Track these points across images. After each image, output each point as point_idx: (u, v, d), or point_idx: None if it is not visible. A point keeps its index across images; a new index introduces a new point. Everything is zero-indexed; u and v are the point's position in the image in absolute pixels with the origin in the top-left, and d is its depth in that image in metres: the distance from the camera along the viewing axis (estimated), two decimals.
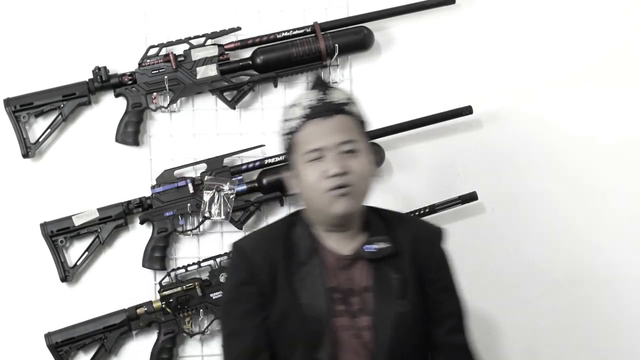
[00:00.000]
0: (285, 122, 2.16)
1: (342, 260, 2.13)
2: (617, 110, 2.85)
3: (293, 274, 2.11)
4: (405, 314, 2.09)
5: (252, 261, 2.12)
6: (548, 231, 2.82)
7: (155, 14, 2.78)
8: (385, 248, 2.11)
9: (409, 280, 2.12)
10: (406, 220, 2.25)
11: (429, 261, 2.15)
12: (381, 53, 2.82)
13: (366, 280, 2.12)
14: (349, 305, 2.10)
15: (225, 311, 2.19)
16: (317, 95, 2.14)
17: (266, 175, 2.71)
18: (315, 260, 2.11)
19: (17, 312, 2.73)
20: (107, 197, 2.72)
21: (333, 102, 2.12)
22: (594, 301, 2.82)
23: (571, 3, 2.85)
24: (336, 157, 2.08)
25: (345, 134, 2.10)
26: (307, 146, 2.10)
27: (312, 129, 2.10)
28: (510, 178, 2.82)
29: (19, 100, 2.71)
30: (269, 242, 2.15)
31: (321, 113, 2.10)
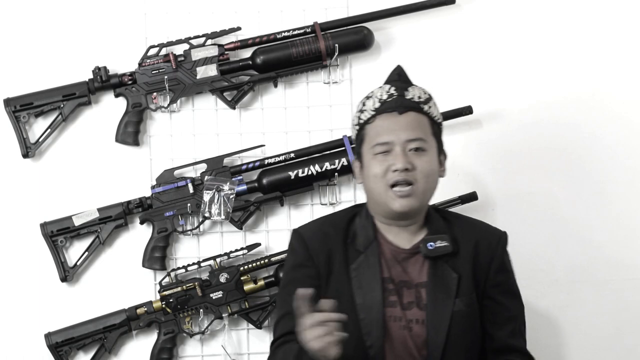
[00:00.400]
0: (358, 112, 2.20)
1: (399, 253, 2.17)
2: (618, 110, 2.85)
3: (349, 261, 2.16)
4: (460, 313, 2.14)
5: (310, 244, 2.19)
6: (548, 231, 2.82)
7: (155, 14, 2.78)
8: (445, 246, 2.16)
9: (466, 280, 2.16)
10: (469, 222, 2.28)
11: (490, 264, 2.19)
12: (381, 53, 2.82)
13: (422, 275, 2.16)
14: (401, 297, 2.14)
15: (281, 293, 2.25)
16: (392, 89, 2.18)
17: (266, 175, 2.71)
18: (372, 250, 2.16)
19: (17, 312, 2.73)
20: (107, 197, 2.72)
21: (407, 98, 2.16)
22: (594, 301, 2.82)
23: (571, 2, 2.85)
24: (403, 153, 2.12)
25: (415, 132, 2.14)
26: (376, 139, 2.14)
27: (383, 123, 2.15)
28: (510, 178, 2.82)
29: (19, 100, 2.71)
30: (329, 228, 2.21)
31: (394, 108, 2.15)
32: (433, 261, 2.16)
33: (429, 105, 2.19)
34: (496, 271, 2.19)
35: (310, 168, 2.71)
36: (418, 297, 2.14)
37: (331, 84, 2.80)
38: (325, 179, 2.72)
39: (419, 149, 2.13)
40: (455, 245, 2.17)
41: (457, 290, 2.14)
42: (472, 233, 2.21)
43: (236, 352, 2.73)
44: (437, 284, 2.14)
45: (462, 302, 2.14)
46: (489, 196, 2.78)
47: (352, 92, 2.79)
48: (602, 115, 2.84)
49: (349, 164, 2.69)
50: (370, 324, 2.12)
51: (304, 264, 2.19)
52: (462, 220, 2.26)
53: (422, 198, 2.15)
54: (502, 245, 2.23)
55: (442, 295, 2.14)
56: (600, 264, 2.82)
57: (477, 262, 2.18)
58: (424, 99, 2.18)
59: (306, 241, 2.20)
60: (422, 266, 2.16)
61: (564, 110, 2.84)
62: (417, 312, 2.14)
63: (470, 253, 2.17)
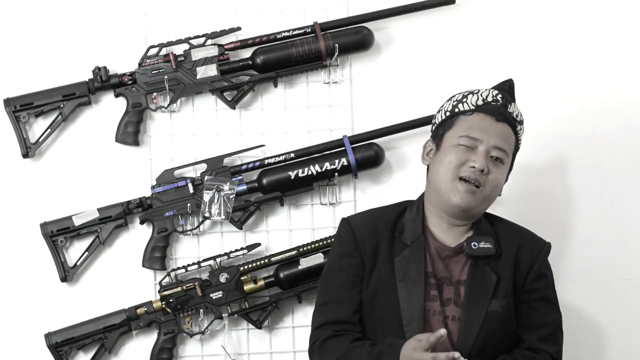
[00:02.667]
0: (455, 101, 2.26)
1: (444, 250, 2.22)
2: (617, 109, 2.85)
3: (395, 253, 2.21)
4: (494, 314, 2.18)
5: (358, 234, 2.24)
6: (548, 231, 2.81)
7: (155, 14, 2.78)
8: (488, 248, 2.21)
9: (505, 283, 2.21)
10: (515, 228, 2.33)
11: (529, 270, 2.24)
12: (381, 53, 2.82)
13: (462, 274, 2.20)
14: (441, 292, 2.19)
15: (325, 279, 2.29)
16: (499, 96, 2.24)
17: (266, 175, 2.71)
18: (418, 245, 2.21)
19: (17, 312, 2.73)
20: (107, 197, 2.72)
21: (509, 111, 2.24)
22: (595, 301, 2.82)
23: (571, 2, 2.85)
24: (485, 155, 2.18)
25: (504, 142, 2.21)
26: (468, 131, 2.20)
27: (479, 121, 2.21)
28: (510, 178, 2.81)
29: (19, 100, 2.71)
30: (378, 220, 2.26)
31: (494, 113, 2.22)
32: (475, 261, 2.20)
33: (521, 127, 2.28)
34: (534, 278, 2.24)
35: (310, 168, 2.71)
36: (456, 294, 2.19)
37: (331, 84, 2.80)
38: (325, 179, 2.72)
39: (498, 159, 2.21)
40: (498, 248, 2.22)
41: (495, 291, 2.19)
42: (516, 238, 2.26)
43: (236, 352, 2.73)
44: (476, 283, 2.18)
45: (498, 304, 2.19)
46: None
47: (352, 92, 2.80)
48: (602, 115, 2.84)
49: (349, 164, 2.69)
50: (411, 315, 2.16)
51: (350, 253, 2.24)
52: (508, 225, 2.32)
53: (480, 203, 2.20)
54: (543, 254, 2.28)
55: (479, 294, 2.18)
56: (600, 264, 2.82)
57: (518, 266, 2.23)
58: (520, 120, 2.27)
59: (354, 231, 2.25)
60: (464, 265, 2.21)
61: (563, 109, 2.84)
62: (454, 309, 2.19)
63: (512, 257, 2.23)
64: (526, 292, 2.24)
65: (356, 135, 2.74)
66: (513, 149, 2.26)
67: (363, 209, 2.46)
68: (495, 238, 2.24)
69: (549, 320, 2.26)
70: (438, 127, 2.28)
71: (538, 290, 2.25)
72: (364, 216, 2.32)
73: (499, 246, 2.23)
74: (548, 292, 2.28)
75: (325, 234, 2.73)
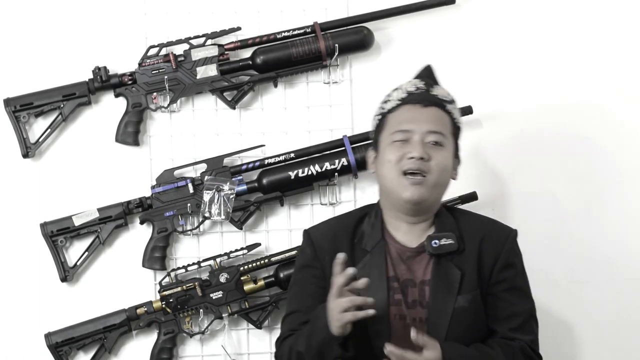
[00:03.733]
0: (382, 103, 2.23)
1: (405, 252, 2.18)
2: (618, 110, 2.85)
3: (356, 261, 2.17)
4: (461, 310, 2.14)
5: (318, 244, 2.21)
6: (548, 231, 2.82)
7: (155, 14, 2.78)
8: (449, 244, 2.16)
9: (470, 277, 2.16)
10: (477, 219, 2.28)
11: (496, 261, 2.19)
12: (381, 53, 2.82)
13: (426, 273, 2.16)
14: (406, 295, 2.15)
15: (290, 292, 2.27)
16: (421, 83, 2.21)
17: (266, 175, 2.71)
18: (379, 250, 2.17)
19: (17, 312, 2.73)
20: (107, 197, 2.72)
21: (432, 94, 2.20)
22: (594, 301, 2.82)
23: (571, 3, 2.85)
24: (420, 143, 2.14)
25: (436, 125, 2.16)
26: (397, 126, 2.17)
27: (407, 113, 2.18)
28: (510, 178, 2.82)
29: (19, 100, 2.71)
30: (338, 228, 2.23)
31: (419, 100, 2.18)
32: (438, 259, 2.16)
33: (452, 106, 2.22)
34: (501, 268, 2.19)
35: (310, 168, 2.71)
36: (421, 295, 2.15)
37: (331, 84, 2.80)
38: (325, 179, 2.72)
39: (437, 143, 2.16)
40: (461, 243, 2.18)
41: (460, 287, 2.15)
42: (479, 230, 2.21)
43: (236, 352, 2.73)
44: (440, 282, 2.15)
45: (464, 299, 2.15)
46: (489, 196, 2.78)
47: (352, 92, 2.80)
48: (602, 116, 2.84)
49: (349, 164, 2.70)
50: (376, 322, 2.12)
51: (311, 264, 2.22)
52: (470, 217, 2.27)
53: (432, 191, 2.15)
54: (509, 242, 2.22)
55: (443, 292, 2.14)
56: (600, 264, 2.82)
57: (482, 259, 2.18)
58: (449, 99, 2.22)
59: (314, 242, 2.23)
60: (428, 264, 2.17)
61: (564, 110, 2.84)
62: (420, 311, 2.15)
63: (475, 250, 2.18)
64: (494, 284, 2.18)
65: (356, 135, 2.74)
66: (451, 129, 2.19)
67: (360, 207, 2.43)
68: (458, 232, 2.19)
69: (520, 310, 2.19)
70: (374, 134, 2.25)
71: (506, 281, 2.19)
72: (323, 226, 2.29)
73: (461, 240, 2.18)
74: (517, 281, 2.22)
75: None
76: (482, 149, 2.82)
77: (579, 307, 2.82)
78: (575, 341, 2.82)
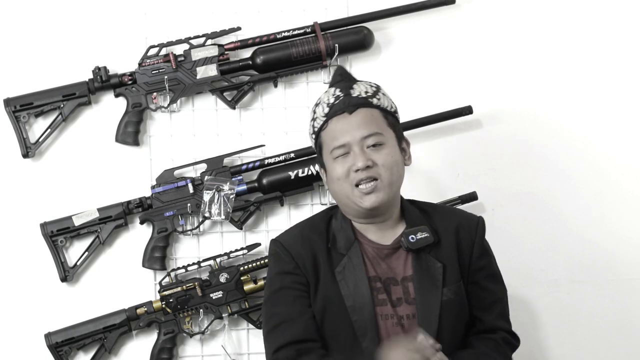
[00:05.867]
0: (311, 121, 2.20)
1: (382, 250, 2.17)
2: (618, 109, 2.85)
3: (334, 265, 2.15)
4: (449, 302, 2.13)
5: (296, 251, 2.17)
6: (548, 231, 2.82)
7: (155, 14, 2.78)
8: (425, 237, 2.15)
9: (451, 269, 2.16)
10: (447, 210, 2.29)
11: (472, 249, 2.20)
12: (381, 53, 2.82)
13: (407, 269, 2.15)
14: (390, 294, 2.14)
15: (272, 301, 2.18)
16: (337, 91, 2.17)
17: (266, 175, 2.71)
18: (354, 251, 2.15)
19: (17, 312, 2.73)
20: (107, 197, 2.72)
21: (354, 96, 2.15)
22: (594, 301, 2.82)
23: (571, 2, 2.85)
24: (361, 152, 2.12)
25: (368, 128, 2.13)
26: (333, 143, 2.14)
27: (336, 126, 2.14)
28: (510, 178, 2.82)
29: (19, 100, 2.71)
30: (310, 233, 2.20)
31: (343, 109, 2.14)
32: (416, 254, 2.15)
33: (378, 97, 2.17)
34: (478, 256, 2.20)
35: (310, 168, 2.71)
36: (405, 292, 2.14)
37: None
38: None
39: (376, 145, 2.13)
40: (436, 235, 2.17)
41: (444, 279, 2.14)
42: (451, 221, 2.21)
43: (236, 352, 2.73)
44: (423, 276, 2.14)
45: (450, 291, 2.14)
46: (489, 196, 2.78)
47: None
48: (602, 115, 2.84)
49: None
50: (363, 325, 2.11)
51: (292, 271, 2.17)
52: (439, 209, 2.26)
53: (389, 191, 2.14)
54: (480, 229, 2.23)
55: (429, 286, 2.13)
56: (600, 264, 2.82)
57: (460, 248, 2.18)
58: (372, 92, 2.17)
59: (289, 249, 2.18)
60: (406, 260, 2.16)
61: (563, 110, 2.84)
62: (407, 307, 2.13)
63: (453, 241, 2.18)
64: (474, 272, 2.19)
65: None
66: (385, 122, 2.15)
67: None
68: (431, 225, 2.18)
69: (500, 296, 2.22)
70: (316, 154, 2.23)
71: (485, 268, 2.21)
72: (293, 233, 2.23)
73: (436, 233, 2.17)
74: (493, 267, 2.24)
75: None
76: (482, 149, 2.82)
77: (579, 307, 2.82)
78: (575, 341, 2.82)
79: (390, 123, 2.17)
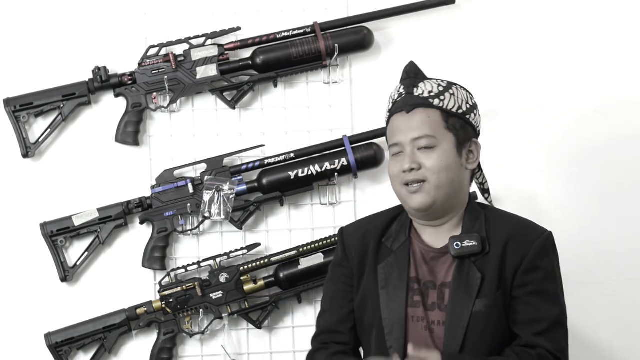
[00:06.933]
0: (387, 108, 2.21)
1: (429, 253, 2.16)
2: (617, 109, 2.85)
3: (380, 261, 2.17)
4: (479, 315, 2.09)
5: (349, 243, 2.22)
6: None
7: (155, 14, 2.78)
8: (472, 246, 2.11)
9: (491, 280, 2.11)
10: (508, 220, 2.20)
11: (520, 263, 2.12)
12: (381, 53, 2.82)
13: (448, 275, 2.13)
14: (425, 297, 2.13)
15: (324, 289, 2.28)
16: (402, 88, 2.17)
17: (266, 175, 2.71)
18: (402, 250, 2.16)
19: (17, 312, 2.73)
20: (107, 197, 2.73)
21: (415, 95, 2.14)
22: (594, 301, 2.82)
23: (571, 2, 2.85)
24: (411, 153, 2.12)
25: (421, 129, 2.12)
26: (390, 140, 2.17)
27: (395, 123, 2.16)
28: (511, 177, 2.82)
29: (19, 100, 2.71)
30: (369, 227, 2.22)
31: (402, 107, 2.15)
32: (461, 261, 2.12)
33: (443, 97, 2.14)
34: (525, 271, 2.12)
35: (310, 168, 2.71)
36: (441, 297, 2.12)
37: (331, 84, 2.80)
38: (325, 179, 2.72)
39: (428, 147, 2.11)
40: (486, 245, 2.12)
41: (479, 290, 2.10)
42: (506, 231, 2.14)
43: (236, 352, 2.73)
44: (460, 285, 2.10)
45: (482, 303, 2.09)
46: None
47: (352, 92, 2.80)
48: (601, 115, 2.84)
49: (349, 164, 2.70)
50: (391, 323, 2.11)
51: (341, 263, 2.23)
52: (500, 218, 2.20)
53: (436, 194, 2.11)
54: (538, 244, 2.14)
55: (463, 295, 2.10)
56: (600, 264, 2.82)
57: (505, 261, 2.12)
58: (437, 91, 2.15)
59: (345, 240, 2.23)
60: (450, 266, 2.13)
61: (564, 109, 2.84)
62: (439, 314, 2.11)
63: (499, 252, 2.12)
64: (518, 287, 2.11)
65: (356, 135, 2.74)
66: (443, 124, 2.12)
67: (363, 209, 2.45)
68: (486, 233, 2.13)
69: (545, 315, 2.10)
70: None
71: (532, 284, 2.11)
72: (356, 224, 2.29)
73: (487, 242, 2.12)
74: (544, 285, 2.12)
75: (325, 234, 2.73)
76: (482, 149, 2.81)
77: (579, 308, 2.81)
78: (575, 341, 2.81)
79: (451, 125, 2.13)
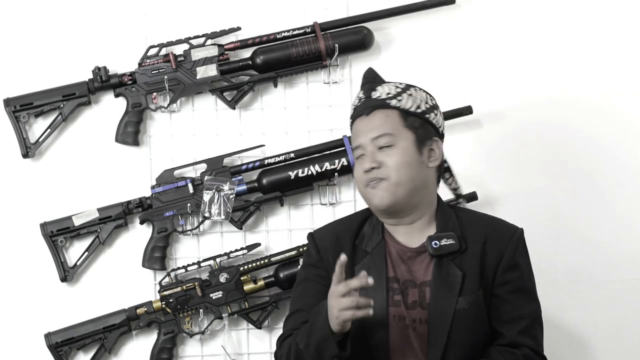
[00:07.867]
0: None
1: (405, 253, 2.17)
2: (617, 109, 2.85)
3: (356, 262, 2.18)
4: (462, 312, 2.12)
5: (321, 246, 2.23)
6: (548, 231, 2.82)
7: (155, 14, 2.78)
8: (450, 244, 2.14)
9: (472, 278, 2.14)
10: (481, 219, 2.24)
11: (499, 261, 2.16)
12: (381, 53, 2.82)
13: (427, 274, 2.15)
14: (406, 296, 2.14)
15: (295, 290, 2.28)
16: (361, 93, 2.22)
17: (266, 175, 2.71)
18: (378, 250, 2.17)
19: (17, 312, 2.73)
20: (107, 197, 2.73)
21: (373, 98, 2.19)
22: (594, 301, 2.82)
23: (571, 2, 2.85)
24: (371, 153, 2.15)
25: (379, 129, 2.16)
26: (353, 144, 2.21)
27: (356, 127, 2.21)
28: (510, 178, 2.82)
29: (19, 100, 2.71)
30: (341, 230, 2.24)
31: (362, 111, 2.19)
32: (439, 259, 2.14)
33: (400, 97, 2.17)
34: (505, 269, 2.16)
35: (310, 168, 2.71)
36: (422, 296, 2.14)
37: (331, 84, 2.80)
38: (325, 179, 2.72)
39: (387, 146, 2.14)
40: (463, 243, 2.15)
41: (461, 288, 2.12)
42: (482, 230, 2.18)
43: (236, 352, 2.73)
44: (441, 283, 2.13)
45: (465, 301, 2.12)
46: (489, 196, 2.78)
47: (352, 92, 2.80)
48: (602, 115, 2.84)
49: (349, 164, 2.70)
50: (374, 323, 2.12)
51: (315, 264, 2.23)
52: (473, 216, 2.24)
53: (396, 191, 2.13)
54: (514, 242, 2.18)
55: (444, 293, 2.12)
56: (600, 264, 2.82)
57: (485, 259, 2.15)
58: (395, 93, 2.18)
59: (317, 243, 2.25)
60: (428, 265, 2.15)
61: (564, 110, 2.84)
62: (420, 312, 2.13)
63: (478, 251, 2.15)
64: (498, 285, 2.15)
65: None
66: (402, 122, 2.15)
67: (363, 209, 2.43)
68: (461, 232, 2.16)
69: (526, 312, 2.14)
70: None
71: (511, 282, 2.15)
72: (327, 228, 2.30)
73: (463, 240, 2.15)
74: (523, 282, 2.17)
75: None
76: (482, 149, 2.82)
77: (579, 307, 2.82)
78: (575, 341, 2.82)
79: (410, 124, 2.16)
